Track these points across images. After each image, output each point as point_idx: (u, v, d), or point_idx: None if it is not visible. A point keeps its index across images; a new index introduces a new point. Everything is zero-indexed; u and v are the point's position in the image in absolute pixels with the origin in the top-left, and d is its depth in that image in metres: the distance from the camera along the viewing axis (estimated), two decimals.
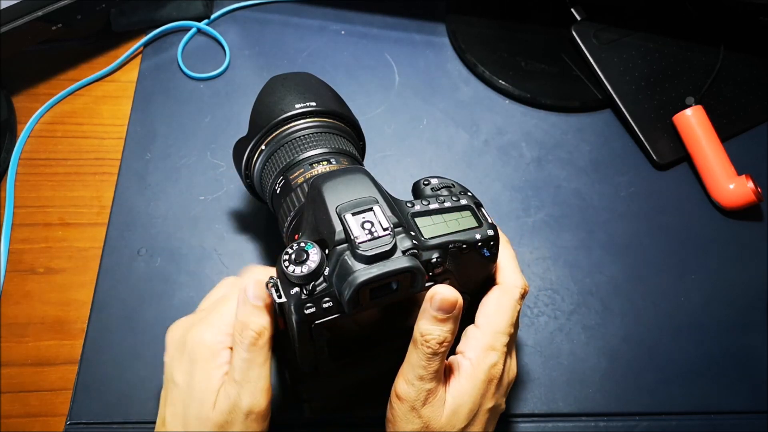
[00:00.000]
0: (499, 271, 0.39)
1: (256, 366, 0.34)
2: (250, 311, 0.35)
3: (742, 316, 0.50)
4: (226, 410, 0.34)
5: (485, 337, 0.37)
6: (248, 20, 0.65)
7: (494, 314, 0.37)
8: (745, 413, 0.46)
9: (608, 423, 0.45)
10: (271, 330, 0.35)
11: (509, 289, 0.38)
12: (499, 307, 0.38)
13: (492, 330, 0.37)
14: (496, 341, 0.36)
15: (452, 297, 0.34)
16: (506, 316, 0.37)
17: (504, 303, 0.38)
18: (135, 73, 0.61)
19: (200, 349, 0.35)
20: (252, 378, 0.34)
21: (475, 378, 0.36)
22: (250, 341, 0.34)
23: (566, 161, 0.57)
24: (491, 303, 0.38)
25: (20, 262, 0.50)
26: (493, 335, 0.37)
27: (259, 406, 0.34)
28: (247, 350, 0.34)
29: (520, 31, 0.64)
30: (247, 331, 0.34)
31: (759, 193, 0.52)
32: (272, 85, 0.45)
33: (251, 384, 0.34)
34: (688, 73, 0.60)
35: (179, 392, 0.36)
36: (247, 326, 0.34)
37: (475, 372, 0.36)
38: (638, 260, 0.52)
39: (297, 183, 0.40)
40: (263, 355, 0.34)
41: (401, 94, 0.60)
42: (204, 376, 0.35)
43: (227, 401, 0.34)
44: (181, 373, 0.36)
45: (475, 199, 0.39)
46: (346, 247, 0.33)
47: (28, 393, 0.45)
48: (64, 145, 0.56)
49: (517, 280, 0.39)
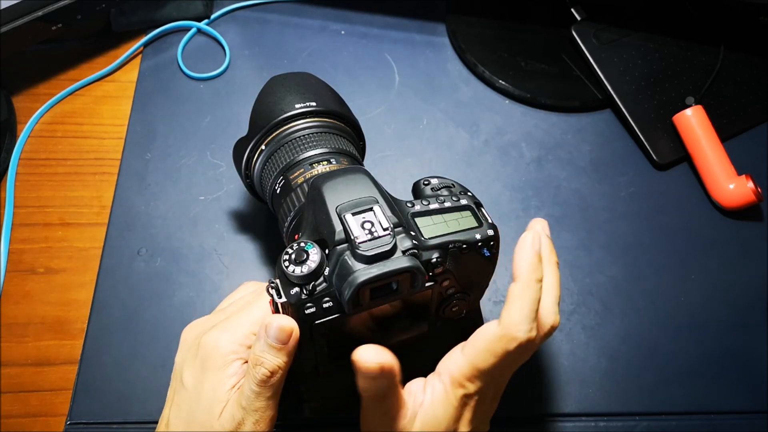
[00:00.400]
0: (507, 309, 0.33)
1: (263, 399, 0.34)
2: (267, 349, 0.34)
3: (742, 316, 0.50)
4: (229, 428, 0.34)
5: (465, 368, 0.33)
6: (248, 20, 0.65)
7: (482, 352, 0.33)
8: (745, 413, 0.46)
9: (608, 423, 0.45)
10: (285, 369, 0.34)
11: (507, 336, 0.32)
12: (488, 348, 0.33)
13: (473, 364, 0.33)
14: (475, 377, 0.33)
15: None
16: (492, 360, 0.32)
17: (495, 347, 0.32)
18: (135, 73, 0.61)
19: (213, 355, 0.35)
20: (259, 408, 0.34)
21: (448, 403, 0.34)
22: (262, 378, 0.33)
23: (566, 161, 0.57)
24: (484, 338, 0.33)
25: (20, 262, 0.50)
26: (472, 370, 0.33)
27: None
28: (257, 385, 0.34)
29: (520, 31, 0.64)
30: (260, 369, 0.34)
31: (759, 193, 0.52)
32: (272, 85, 0.45)
33: (257, 414, 0.34)
34: (688, 73, 0.60)
35: (186, 395, 0.35)
36: (261, 363, 0.34)
37: (448, 398, 0.34)
38: (638, 260, 0.52)
39: (297, 183, 0.40)
40: (272, 390, 0.34)
41: (401, 94, 0.60)
42: (213, 384, 0.35)
43: (231, 421, 0.34)
44: (191, 375, 0.36)
45: (475, 199, 0.39)
46: (346, 247, 0.33)
47: (28, 393, 0.45)
48: (64, 145, 0.56)
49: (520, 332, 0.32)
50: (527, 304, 0.32)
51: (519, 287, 0.32)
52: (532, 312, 0.32)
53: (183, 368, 0.36)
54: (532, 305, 0.32)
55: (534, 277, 0.33)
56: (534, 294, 0.32)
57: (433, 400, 0.34)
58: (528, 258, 0.33)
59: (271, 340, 0.34)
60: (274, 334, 0.34)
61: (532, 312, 0.32)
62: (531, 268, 0.33)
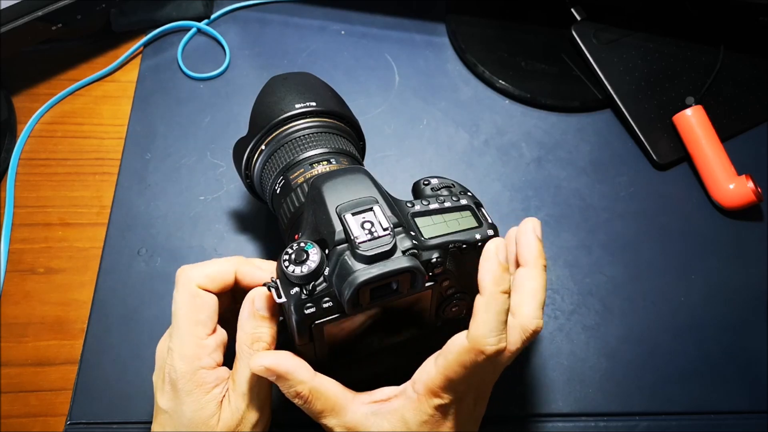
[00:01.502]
0: (475, 321, 0.32)
1: None
2: (259, 323, 0.34)
3: (742, 316, 0.50)
4: (233, 424, 0.34)
5: (437, 379, 0.33)
6: (248, 20, 0.65)
7: (452, 365, 0.32)
8: (745, 413, 0.46)
9: (608, 423, 0.45)
10: (276, 339, 0.35)
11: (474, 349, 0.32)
12: (458, 360, 0.32)
13: (446, 377, 0.33)
14: (448, 389, 0.33)
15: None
16: (462, 373, 0.32)
17: (464, 360, 0.32)
18: (135, 73, 0.61)
19: (179, 381, 0.35)
20: (263, 388, 0.34)
21: (421, 411, 0.33)
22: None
23: (566, 161, 0.57)
24: (452, 350, 0.33)
25: (20, 262, 0.50)
26: (445, 381, 0.33)
27: (265, 415, 0.34)
28: None
29: (520, 31, 0.64)
30: (259, 344, 0.34)
31: (759, 193, 0.52)
32: (272, 85, 0.45)
33: (261, 395, 0.34)
34: (688, 73, 0.60)
35: (168, 418, 0.35)
36: (259, 338, 0.34)
37: (421, 406, 0.33)
38: (638, 260, 0.52)
39: (297, 183, 0.40)
40: None
41: (401, 94, 0.60)
42: (197, 406, 0.34)
43: (234, 415, 0.34)
44: (165, 400, 0.36)
45: (475, 199, 0.39)
46: (346, 247, 0.33)
47: (28, 393, 0.45)
48: (64, 145, 0.56)
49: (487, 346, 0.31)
50: (492, 317, 0.32)
51: (484, 301, 0.32)
52: (498, 324, 0.32)
53: (156, 391, 0.36)
54: (497, 317, 0.32)
55: (498, 289, 0.32)
56: (499, 306, 0.32)
57: (404, 404, 0.34)
58: (491, 270, 0.33)
59: (261, 311, 0.34)
60: (261, 304, 0.34)
61: (499, 324, 0.32)
62: (494, 281, 0.32)
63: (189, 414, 0.35)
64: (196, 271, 0.36)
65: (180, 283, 0.36)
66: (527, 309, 0.34)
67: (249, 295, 0.35)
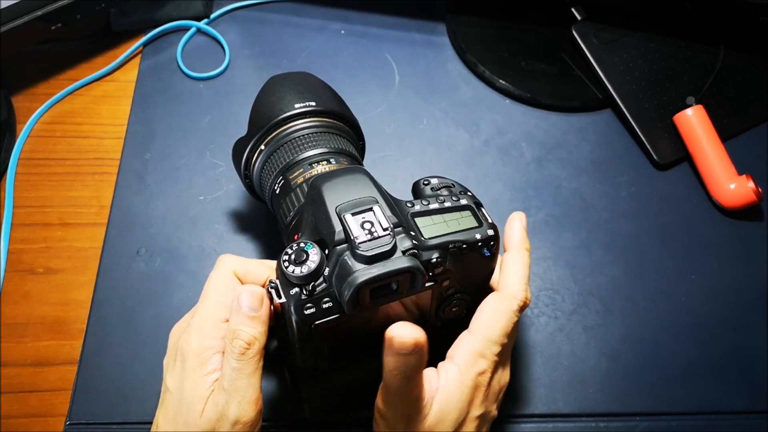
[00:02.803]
0: (505, 276, 0.38)
1: (244, 376, 0.34)
2: (241, 320, 0.34)
3: (742, 316, 0.49)
4: (213, 419, 0.33)
5: (476, 343, 0.36)
6: (248, 20, 0.65)
7: (488, 321, 0.37)
8: (745, 413, 0.46)
9: (608, 423, 0.45)
10: (263, 340, 0.35)
11: (508, 297, 0.37)
12: (494, 314, 0.37)
13: (484, 337, 0.36)
14: (486, 349, 0.36)
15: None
16: (501, 324, 0.36)
17: (501, 310, 0.37)
18: (134, 72, 0.61)
19: (189, 356, 0.35)
20: (240, 387, 0.34)
21: (462, 384, 0.35)
22: (240, 351, 0.34)
23: (567, 161, 0.57)
24: (487, 309, 0.37)
25: (20, 262, 0.50)
26: (484, 342, 0.36)
27: (246, 416, 0.34)
28: (237, 359, 0.34)
29: (520, 31, 0.64)
30: (237, 341, 0.34)
31: (759, 193, 0.52)
32: (271, 84, 0.45)
33: (239, 393, 0.34)
34: (688, 73, 0.60)
35: (171, 397, 0.36)
36: (237, 336, 0.34)
37: (463, 378, 0.35)
38: (638, 260, 0.52)
39: (297, 183, 0.40)
40: (253, 365, 0.34)
41: (401, 94, 0.60)
42: (193, 384, 0.35)
43: (215, 409, 0.34)
44: (173, 379, 0.36)
45: (475, 199, 0.39)
46: (345, 247, 0.33)
47: (28, 393, 0.45)
48: (64, 144, 0.56)
49: (519, 292, 0.37)
50: (520, 268, 0.38)
51: (511, 254, 0.38)
52: (525, 275, 0.38)
53: (167, 372, 0.37)
54: (524, 269, 0.38)
55: (523, 246, 0.39)
56: (524, 259, 0.38)
57: (447, 384, 0.35)
58: (517, 230, 0.39)
59: (245, 310, 0.34)
60: (246, 303, 0.34)
61: (525, 275, 0.38)
62: (521, 237, 0.39)
63: (187, 392, 0.35)
64: (237, 260, 0.38)
65: (219, 265, 0.38)
66: (511, 281, 0.38)
67: (237, 290, 0.35)
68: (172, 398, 0.35)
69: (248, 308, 0.34)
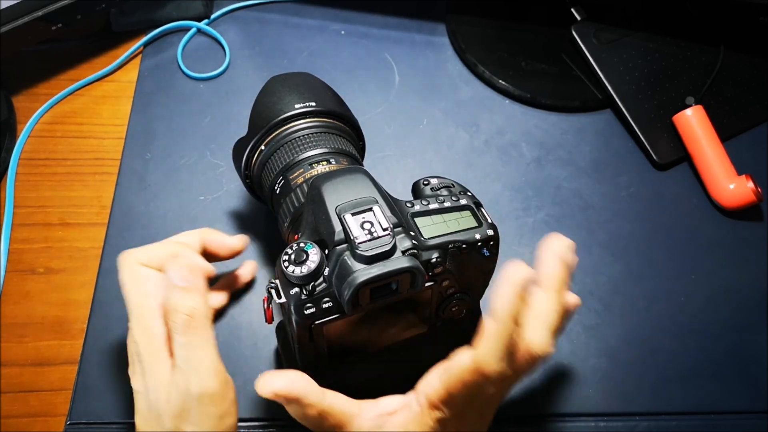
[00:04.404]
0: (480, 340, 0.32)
1: (195, 348, 0.34)
2: (176, 294, 0.34)
3: (742, 316, 0.50)
4: (179, 400, 0.33)
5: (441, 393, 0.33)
6: (248, 20, 0.65)
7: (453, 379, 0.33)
8: (745, 413, 0.46)
9: (608, 423, 0.45)
10: (203, 310, 0.34)
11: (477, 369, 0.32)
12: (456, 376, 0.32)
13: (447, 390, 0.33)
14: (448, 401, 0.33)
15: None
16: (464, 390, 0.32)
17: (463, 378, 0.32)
18: (135, 73, 0.61)
19: (142, 354, 0.35)
20: (194, 361, 0.33)
21: (423, 423, 0.34)
22: (183, 324, 0.33)
23: (566, 161, 0.57)
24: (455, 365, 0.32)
25: (20, 262, 0.50)
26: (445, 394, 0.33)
27: (210, 388, 0.33)
28: (183, 334, 0.33)
29: (520, 31, 0.64)
30: (178, 314, 0.33)
31: (759, 193, 0.52)
32: (272, 85, 0.45)
33: (195, 367, 0.33)
34: (688, 73, 0.60)
35: (140, 397, 0.35)
36: (176, 309, 0.34)
37: (424, 419, 0.34)
38: (638, 260, 0.52)
39: (297, 183, 0.40)
40: (201, 336, 0.34)
41: (401, 94, 0.60)
42: (154, 376, 0.35)
43: (177, 390, 0.33)
44: (137, 381, 0.36)
45: (474, 199, 0.39)
46: (345, 247, 0.33)
47: (28, 393, 0.45)
48: (64, 145, 0.56)
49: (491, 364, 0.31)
50: (498, 341, 0.31)
51: (494, 325, 0.32)
52: (502, 348, 0.31)
53: (132, 379, 0.37)
54: (503, 342, 0.32)
55: (509, 315, 0.32)
56: (507, 332, 0.32)
57: (408, 417, 0.34)
58: (508, 297, 0.32)
59: (177, 282, 0.34)
60: (176, 275, 0.34)
61: (503, 348, 0.31)
62: (510, 309, 0.32)
63: (150, 386, 0.34)
64: (136, 251, 0.38)
65: (122, 263, 0.38)
66: (537, 335, 0.34)
67: (165, 266, 0.35)
68: (141, 398, 0.35)
69: (179, 279, 0.34)
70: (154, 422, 0.34)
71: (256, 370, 0.45)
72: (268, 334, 0.46)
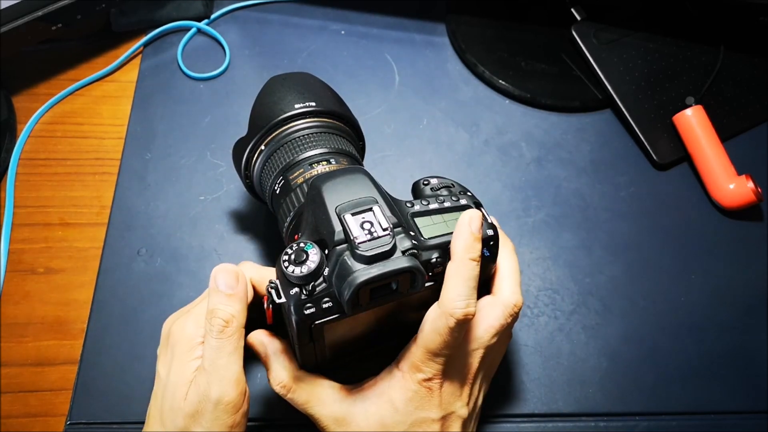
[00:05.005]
0: (444, 288, 0.34)
1: (224, 354, 0.34)
2: (218, 299, 0.35)
3: (742, 316, 0.50)
4: (195, 400, 0.34)
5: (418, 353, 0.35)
6: (248, 20, 0.65)
7: (428, 335, 0.35)
8: (745, 413, 0.46)
9: (608, 423, 0.45)
10: (241, 319, 0.35)
11: (445, 314, 0.34)
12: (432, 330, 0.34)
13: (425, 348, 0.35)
14: (428, 360, 0.35)
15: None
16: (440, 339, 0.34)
17: (438, 327, 0.34)
18: (135, 73, 0.61)
19: (180, 342, 0.36)
20: (220, 366, 0.34)
21: (406, 389, 0.35)
22: (218, 329, 0.34)
23: (566, 161, 0.57)
24: (427, 322, 0.35)
25: (20, 262, 0.50)
26: (425, 353, 0.35)
27: (228, 396, 0.33)
28: (216, 338, 0.34)
29: (520, 31, 0.64)
30: (215, 319, 0.34)
31: (759, 193, 0.52)
32: (272, 85, 0.45)
33: (219, 372, 0.34)
34: (688, 73, 0.60)
35: (160, 384, 0.36)
36: (215, 314, 0.34)
37: (407, 384, 0.35)
38: (638, 260, 0.52)
39: (297, 183, 0.40)
40: (232, 343, 0.34)
41: (401, 94, 0.60)
42: (180, 368, 0.35)
43: (197, 391, 0.34)
44: (163, 365, 0.36)
45: (474, 199, 0.39)
46: (345, 247, 0.33)
47: (28, 393, 0.45)
48: (64, 145, 0.56)
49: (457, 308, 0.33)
50: (460, 282, 0.33)
51: (453, 267, 0.34)
52: (466, 289, 0.33)
53: (159, 360, 0.37)
54: (466, 282, 0.33)
55: (467, 256, 0.34)
56: (468, 272, 0.34)
57: (389, 384, 0.35)
58: (463, 237, 0.34)
59: (222, 288, 0.35)
60: (222, 281, 0.35)
61: (467, 289, 0.33)
62: (465, 248, 0.34)
63: (174, 377, 0.35)
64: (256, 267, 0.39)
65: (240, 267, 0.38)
66: (505, 286, 0.38)
67: (213, 271, 0.36)
68: (160, 384, 0.36)
69: (225, 286, 0.35)
70: (167, 414, 0.34)
71: (257, 371, 0.45)
72: None
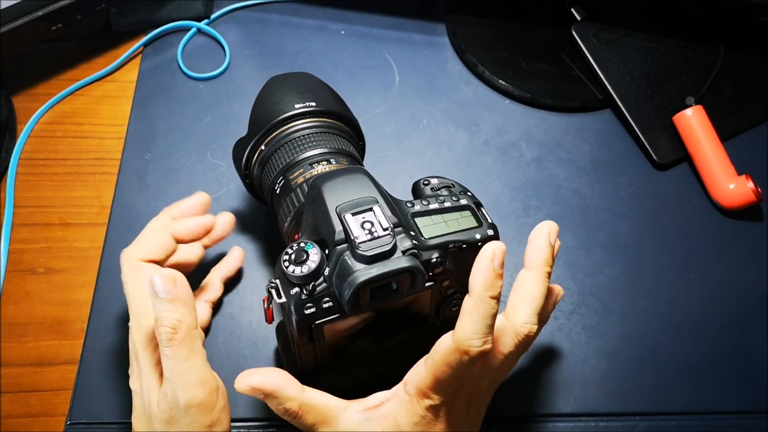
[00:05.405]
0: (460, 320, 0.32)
1: (180, 361, 0.33)
2: (161, 306, 0.34)
3: (742, 316, 0.50)
4: (167, 408, 0.34)
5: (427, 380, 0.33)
6: (248, 20, 0.65)
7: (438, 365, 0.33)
8: (745, 413, 0.46)
9: (608, 423, 0.45)
10: (189, 321, 0.34)
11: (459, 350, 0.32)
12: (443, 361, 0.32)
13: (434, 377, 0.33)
14: (437, 389, 0.33)
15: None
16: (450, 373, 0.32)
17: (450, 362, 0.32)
18: (135, 73, 0.61)
19: (140, 355, 0.36)
20: (180, 373, 0.33)
21: (413, 413, 0.34)
22: (167, 337, 0.33)
23: (566, 161, 0.57)
24: (439, 351, 0.33)
25: (20, 262, 0.50)
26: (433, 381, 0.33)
27: (195, 399, 0.33)
28: (167, 346, 0.33)
29: (520, 31, 0.64)
30: (162, 328, 0.33)
31: (759, 193, 0.52)
32: (272, 85, 0.45)
33: (181, 378, 0.33)
34: (688, 73, 0.60)
35: (137, 398, 0.36)
36: (160, 322, 0.34)
37: (413, 408, 0.34)
38: (638, 260, 0.52)
39: (297, 183, 0.40)
40: (185, 348, 0.34)
41: (401, 94, 0.60)
42: (147, 379, 0.35)
43: (165, 399, 0.34)
44: (134, 381, 0.37)
45: (474, 199, 0.39)
46: (346, 247, 0.33)
47: (28, 393, 0.45)
48: (64, 145, 0.56)
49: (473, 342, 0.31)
50: (478, 320, 0.32)
51: (472, 303, 0.32)
52: (483, 327, 0.31)
53: (131, 378, 0.38)
54: (483, 320, 0.32)
55: (487, 293, 0.32)
56: (486, 310, 0.32)
57: (396, 407, 0.34)
58: (484, 273, 0.32)
59: (161, 294, 0.34)
60: (159, 287, 0.34)
61: (484, 327, 0.31)
62: (485, 285, 0.32)
63: (144, 389, 0.35)
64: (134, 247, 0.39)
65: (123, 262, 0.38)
66: (521, 313, 0.34)
67: (148, 277, 0.34)
68: (137, 398, 0.36)
69: (163, 292, 0.34)
70: (147, 424, 0.35)
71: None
72: (268, 334, 0.46)
